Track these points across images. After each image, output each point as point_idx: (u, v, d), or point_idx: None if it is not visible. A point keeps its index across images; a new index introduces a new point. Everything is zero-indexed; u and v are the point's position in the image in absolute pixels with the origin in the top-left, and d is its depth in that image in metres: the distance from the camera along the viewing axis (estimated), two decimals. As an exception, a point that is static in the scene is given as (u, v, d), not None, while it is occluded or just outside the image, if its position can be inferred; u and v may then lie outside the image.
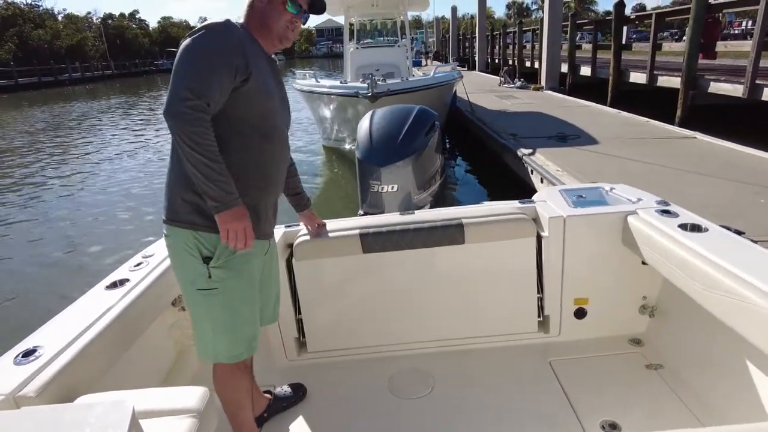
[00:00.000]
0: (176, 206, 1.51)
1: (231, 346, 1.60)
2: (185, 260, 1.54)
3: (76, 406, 1.17)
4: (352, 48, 11.63)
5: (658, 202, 2.15)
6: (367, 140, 3.27)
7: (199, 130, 1.34)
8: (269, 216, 1.69)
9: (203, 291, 1.53)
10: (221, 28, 1.45)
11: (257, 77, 1.49)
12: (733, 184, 4.89)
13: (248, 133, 1.52)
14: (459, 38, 34.65)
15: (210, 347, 1.60)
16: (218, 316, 1.56)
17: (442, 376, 2.17)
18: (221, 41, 1.43)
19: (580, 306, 2.28)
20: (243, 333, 1.61)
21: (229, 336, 1.59)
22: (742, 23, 37.71)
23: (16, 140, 15.32)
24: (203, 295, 1.54)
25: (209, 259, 1.51)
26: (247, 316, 1.62)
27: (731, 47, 9.13)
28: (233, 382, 1.67)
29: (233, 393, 1.68)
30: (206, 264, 1.51)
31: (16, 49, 45.91)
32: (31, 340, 1.50)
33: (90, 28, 63.03)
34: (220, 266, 1.52)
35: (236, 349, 1.61)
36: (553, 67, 14.51)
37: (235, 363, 1.63)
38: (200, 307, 1.57)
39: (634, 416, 1.84)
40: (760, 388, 1.55)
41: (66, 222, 7.24)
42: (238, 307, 1.58)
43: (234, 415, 1.70)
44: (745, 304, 1.39)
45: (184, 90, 1.34)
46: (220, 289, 1.53)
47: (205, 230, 1.50)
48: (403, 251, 2.21)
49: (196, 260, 1.52)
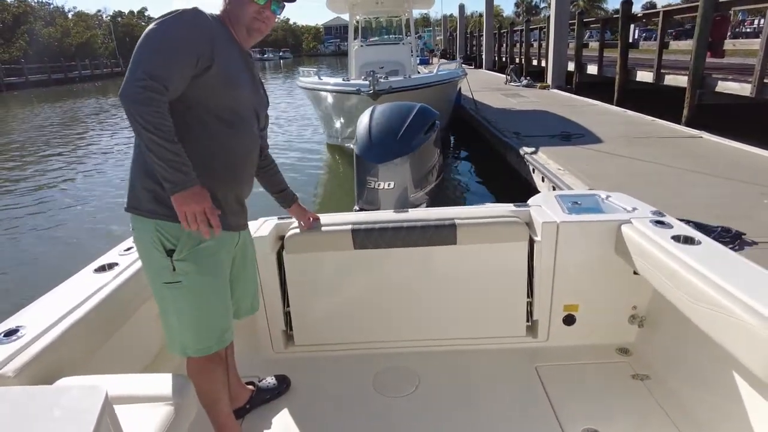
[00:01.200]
0: (137, 194, 1.50)
1: (199, 340, 1.58)
2: (150, 252, 1.52)
3: (50, 388, 1.16)
4: (357, 46, 11.63)
5: (653, 213, 2.13)
6: (365, 136, 3.25)
7: (150, 110, 1.32)
8: (234, 208, 1.66)
9: (168, 284, 1.52)
10: (187, 14, 1.43)
11: (223, 66, 1.47)
12: (739, 185, 4.83)
13: (210, 121, 1.51)
14: (466, 36, 34.54)
15: (177, 340, 1.59)
16: (184, 310, 1.54)
17: (426, 376, 2.17)
18: (185, 27, 1.42)
19: (570, 312, 2.27)
20: (211, 326, 1.59)
21: (195, 329, 1.57)
22: (754, 21, 37.25)
23: (26, 135, 15.47)
24: (168, 288, 1.52)
25: (172, 252, 1.49)
26: (214, 309, 1.59)
27: (740, 45, 9.02)
28: (206, 374, 1.65)
29: (208, 384, 1.66)
30: (170, 257, 1.49)
31: (27, 46, 46.29)
32: (14, 320, 1.50)
33: (99, 25, 63.47)
34: (183, 259, 1.49)
35: (204, 342, 1.59)
36: (560, 66, 14.42)
37: (207, 356, 1.61)
38: (166, 300, 1.55)
39: (616, 426, 1.83)
40: (746, 403, 1.53)
41: (69, 210, 7.30)
42: (204, 300, 1.56)
43: (210, 407, 1.69)
44: (731, 318, 1.38)
45: (140, 72, 1.32)
46: (185, 283, 1.51)
47: (166, 219, 1.47)
48: (395, 249, 2.20)
49: (159, 253, 1.49)
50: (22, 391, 1.08)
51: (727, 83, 8.11)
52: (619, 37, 11.42)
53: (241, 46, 1.61)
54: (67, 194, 8.66)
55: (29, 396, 0.99)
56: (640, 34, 24.97)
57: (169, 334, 1.61)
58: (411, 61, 11.47)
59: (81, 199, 8.21)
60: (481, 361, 2.25)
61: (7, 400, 0.97)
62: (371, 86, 6.94)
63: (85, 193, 8.62)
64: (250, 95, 1.63)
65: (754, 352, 1.30)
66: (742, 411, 1.54)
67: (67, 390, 1.00)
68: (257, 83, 1.71)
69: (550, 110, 10.05)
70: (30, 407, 0.94)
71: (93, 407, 0.91)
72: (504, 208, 2.33)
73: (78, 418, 0.89)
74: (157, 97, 1.33)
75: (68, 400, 0.94)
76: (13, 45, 45.55)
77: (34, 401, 0.96)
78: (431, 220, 2.20)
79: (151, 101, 1.32)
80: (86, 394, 0.95)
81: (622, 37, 11.32)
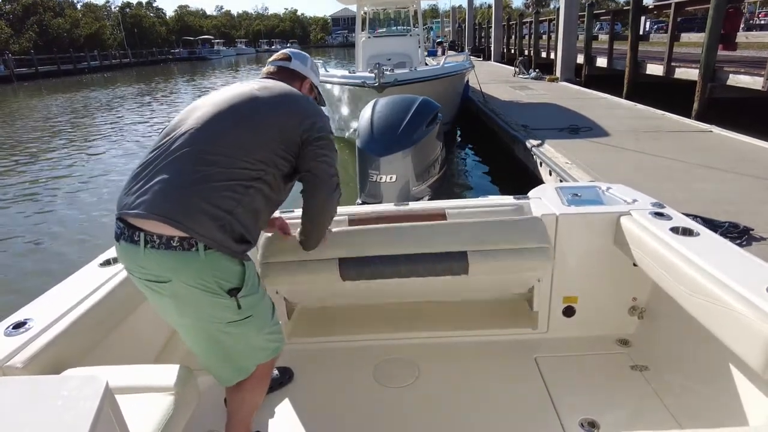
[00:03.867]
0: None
1: (265, 347, 1.56)
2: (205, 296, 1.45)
3: (52, 378, 1.18)
4: (364, 37, 11.56)
5: (653, 204, 2.12)
6: (368, 129, 3.24)
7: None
8: None
9: (234, 323, 1.45)
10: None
11: None
12: (747, 179, 4.76)
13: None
14: (475, 28, 34.24)
15: (243, 365, 1.54)
16: (250, 335, 1.51)
17: (427, 367, 2.18)
18: None
19: (569, 304, 2.27)
20: (276, 330, 1.60)
21: (261, 344, 1.55)
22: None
23: (36, 124, 15.59)
24: (234, 325, 1.46)
25: (237, 290, 1.42)
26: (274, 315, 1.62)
27: (752, 38, 8.87)
28: (266, 379, 1.63)
29: (263, 391, 1.65)
30: (233, 297, 1.41)
31: (37, 37, 46.57)
32: (22, 312, 1.53)
33: (108, 16, 63.71)
34: (247, 294, 1.45)
35: (272, 345, 1.58)
36: (569, 58, 14.26)
37: (272, 359, 1.61)
38: (231, 335, 1.49)
39: (614, 416, 1.84)
40: (742, 395, 1.53)
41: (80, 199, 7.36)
42: (268, 317, 1.57)
43: (250, 412, 1.65)
44: (727, 309, 1.38)
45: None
46: (255, 315, 1.49)
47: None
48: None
49: (217, 295, 1.41)
50: (24, 380, 1.10)
51: (739, 76, 7.98)
52: (630, 29, 11.25)
53: None
54: (76, 188, 8.72)
55: (31, 385, 1.01)
56: (651, 26, 24.63)
57: (237, 362, 1.52)
58: (418, 53, 11.39)
59: (90, 193, 8.27)
60: (481, 352, 2.27)
61: (10, 389, 0.99)
62: (376, 79, 6.90)
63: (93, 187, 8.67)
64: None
65: (751, 344, 1.30)
66: (738, 403, 1.53)
67: (68, 380, 1.02)
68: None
69: (558, 103, 9.94)
70: (32, 397, 0.95)
71: (93, 396, 0.93)
72: (504, 200, 2.33)
73: (78, 407, 0.91)
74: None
75: (69, 389, 0.95)
76: (23, 36, 45.82)
77: (36, 391, 0.98)
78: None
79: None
80: (87, 383, 0.97)
81: (632, 29, 11.15)
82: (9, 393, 0.97)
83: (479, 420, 1.88)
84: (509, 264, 2.01)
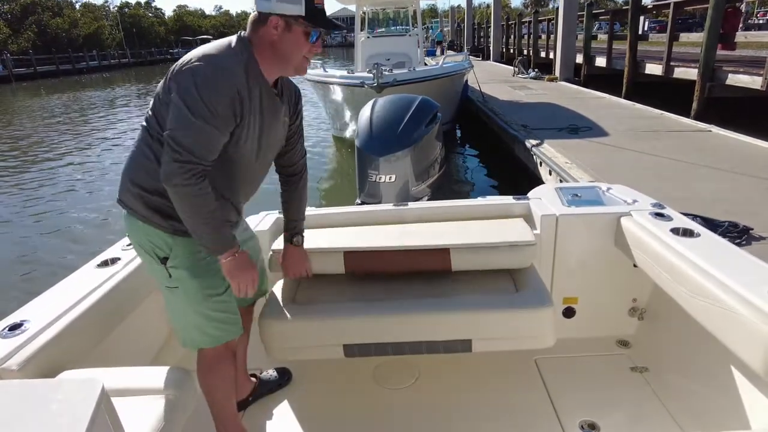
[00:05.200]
0: (129, 191, 1.48)
1: (203, 335, 1.57)
2: (143, 255, 1.53)
3: (48, 381, 1.17)
4: (363, 37, 11.56)
5: (654, 205, 2.11)
6: (367, 129, 3.23)
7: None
8: (235, 220, 1.67)
9: (168, 288, 1.52)
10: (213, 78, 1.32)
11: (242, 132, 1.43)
12: (747, 179, 4.76)
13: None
14: (474, 28, 34.24)
15: (185, 336, 1.59)
16: (186, 311, 1.55)
17: (427, 368, 2.18)
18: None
19: (569, 305, 2.27)
20: (214, 323, 1.57)
21: (198, 328, 1.56)
22: (767, 13, 36.64)
23: (34, 124, 15.56)
24: (168, 291, 1.53)
25: (166, 260, 1.48)
26: (215, 306, 1.56)
27: (751, 38, 8.87)
28: (214, 368, 1.64)
29: (213, 380, 1.65)
30: (163, 264, 1.49)
31: (35, 37, 46.49)
32: (18, 314, 1.52)
33: (107, 16, 63.64)
34: (176, 266, 1.49)
35: (210, 336, 1.58)
36: (568, 58, 14.26)
37: (217, 347, 1.60)
38: (168, 300, 1.56)
39: (614, 417, 1.83)
40: (743, 396, 1.53)
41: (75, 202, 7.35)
42: (203, 302, 1.54)
43: (213, 402, 1.69)
44: (728, 311, 1.37)
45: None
46: (181, 288, 1.51)
47: (158, 228, 1.47)
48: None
49: (152, 258, 1.49)
50: (20, 384, 1.09)
51: (738, 76, 7.98)
52: (629, 29, 11.25)
53: (268, 86, 1.47)
54: (74, 186, 8.71)
55: (27, 389, 1.00)
56: (650, 26, 24.65)
57: (176, 329, 1.61)
58: (417, 53, 11.39)
59: (88, 190, 8.26)
60: (481, 354, 2.25)
61: (5, 393, 0.98)
62: (375, 79, 6.90)
63: (90, 186, 8.66)
64: (257, 148, 1.53)
65: (751, 346, 1.29)
66: (739, 404, 1.53)
67: (64, 383, 1.00)
68: (273, 132, 1.57)
69: (558, 103, 9.95)
70: (27, 400, 0.94)
71: (89, 400, 0.92)
72: (503, 201, 2.32)
73: (74, 411, 0.90)
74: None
75: (65, 393, 0.94)
76: (22, 36, 45.74)
77: (31, 395, 0.97)
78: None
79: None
80: (82, 387, 0.96)
81: (631, 29, 11.15)
82: (3, 397, 0.96)
83: (479, 421, 1.87)
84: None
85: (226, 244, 1.45)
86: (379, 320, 1.81)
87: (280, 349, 1.86)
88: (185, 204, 1.36)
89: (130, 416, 1.17)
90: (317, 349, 1.86)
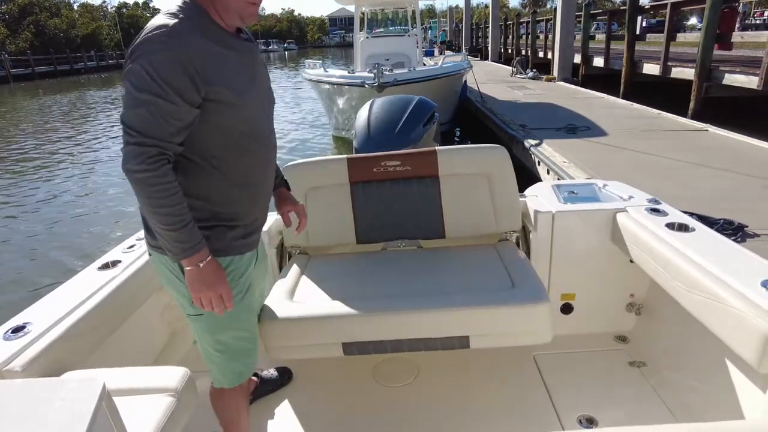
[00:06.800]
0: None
1: (224, 372, 1.52)
2: (171, 285, 1.42)
3: (50, 381, 1.18)
4: (362, 37, 11.58)
5: (649, 200, 2.13)
6: (364, 130, 3.27)
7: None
8: (261, 223, 1.53)
9: (191, 317, 1.43)
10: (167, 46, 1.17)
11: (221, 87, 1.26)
12: (743, 178, 4.81)
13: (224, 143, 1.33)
14: (472, 28, 34.27)
15: (213, 365, 1.52)
16: (209, 341, 1.46)
17: (426, 365, 2.19)
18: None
19: (567, 301, 2.28)
20: (237, 357, 1.51)
21: (221, 364, 1.50)
22: (764, 13, 36.72)
23: (31, 125, 15.55)
24: (192, 319, 1.44)
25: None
26: (240, 338, 1.50)
27: (748, 38, 8.93)
28: (228, 402, 1.58)
29: (232, 414, 1.60)
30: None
31: (33, 38, 46.36)
32: (21, 317, 1.53)
33: (105, 17, 63.50)
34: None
35: (230, 374, 1.52)
36: (566, 58, 14.30)
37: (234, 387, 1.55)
38: (195, 330, 1.47)
39: (612, 412, 1.84)
40: (738, 389, 1.55)
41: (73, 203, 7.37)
42: (228, 331, 1.46)
43: (224, 419, 1.63)
44: (723, 305, 1.39)
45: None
46: (206, 315, 1.39)
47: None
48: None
49: (181, 284, 1.35)
50: (22, 383, 1.10)
51: (735, 75, 8.04)
52: (626, 29, 11.31)
53: (228, 33, 1.32)
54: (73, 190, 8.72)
55: (29, 388, 1.02)
56: (647, 25, 24.68)
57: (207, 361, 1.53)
58: (416, 53, 11.42)
59: (89, 193, 8.27)
60: (479, 350, 2.27)
61: (7, 392, 0.99)
62: (376, 79, 6.94)
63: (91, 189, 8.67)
64: (255, 100, 1.38)
65: (746, 339, 1.31)
66: (735, 397, 1.55)
67: (65, 382, 1.01)
68: (258, 75, 1.42)
69: (556, 103, 9.99)
70: (29, 399, 0.96)
71: (91, 398, 0.93)
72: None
73: (75, 409, 0.90)
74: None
75: (67, 391, 0.95)
76: (20, 36, 45.62)
77: (33, 393, 0.98)
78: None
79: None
80: (84, 386, 0.97)
81: (629, 29, 11.21)
82: (6, 396, 0.97)
83: (478, 417, 1.88)
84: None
85: (188, 249, 1.24)
86: (377, 318, 1.80)
87: (280, 349, 1.84)
88: (142, 194, 1.20)
89: (131, 415, 1.18)
90: (317, 348, 1.85)
